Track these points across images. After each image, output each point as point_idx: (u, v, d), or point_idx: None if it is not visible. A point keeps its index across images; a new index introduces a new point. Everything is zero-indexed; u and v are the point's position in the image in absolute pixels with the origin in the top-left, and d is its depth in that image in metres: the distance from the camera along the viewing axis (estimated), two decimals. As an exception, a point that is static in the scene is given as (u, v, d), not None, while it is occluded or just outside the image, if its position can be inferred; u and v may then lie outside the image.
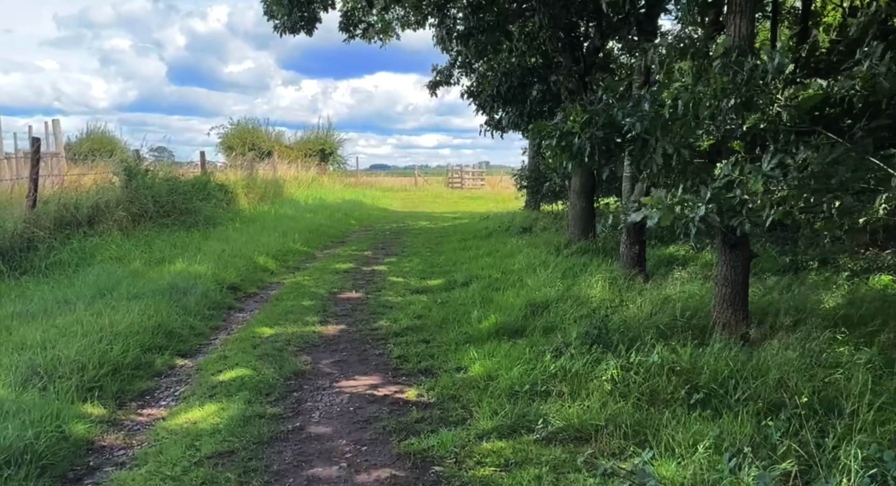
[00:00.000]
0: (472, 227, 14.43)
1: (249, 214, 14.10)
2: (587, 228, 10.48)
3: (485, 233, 12.58)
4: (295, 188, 20.46)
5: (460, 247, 11.10)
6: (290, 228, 12.91)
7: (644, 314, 5.45)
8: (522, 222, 12.82)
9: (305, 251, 11.02)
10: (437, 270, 9.21)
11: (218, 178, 14.54)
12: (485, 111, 13.18)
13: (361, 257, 10.55)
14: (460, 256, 10.09)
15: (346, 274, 8.92)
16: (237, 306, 7.13)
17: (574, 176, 10.51)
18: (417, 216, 19.20)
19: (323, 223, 14.34)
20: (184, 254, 8.62)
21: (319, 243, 12.23)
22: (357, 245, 12.14)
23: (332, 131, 34.54)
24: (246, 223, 12.74)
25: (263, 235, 11.40)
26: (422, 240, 12.95)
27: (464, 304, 6.74)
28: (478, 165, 39.19)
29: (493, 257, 9.42)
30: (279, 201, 17.22)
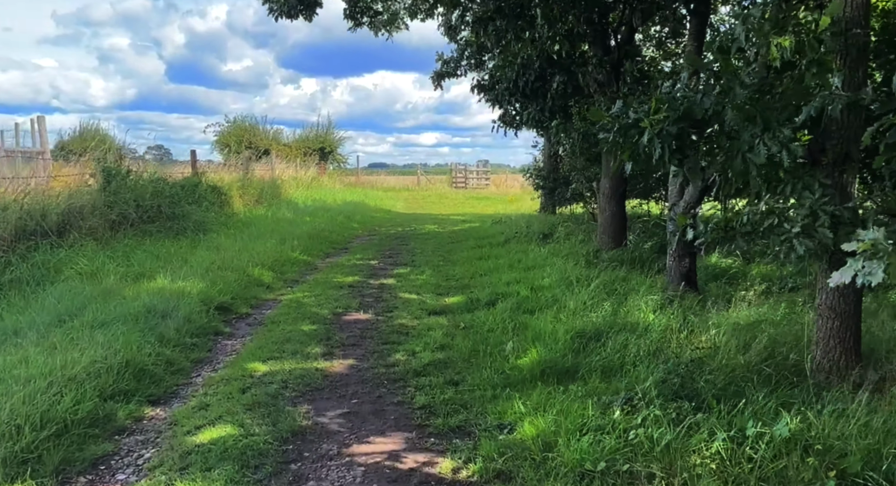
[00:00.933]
0: (485, 232, 13.39)
1: (244, 217, 13.06)
2: (619, 235, 9.45)
3: (500, 239, 11.55)
4: (293, 189, 19.43)
5: (476, 256, 10.06)
6: (289, 233, 11.87)
7: (726, 351, 4.42)
8: (541, 227, 11.78)
9: (305, 261, 9.98)
10: (453, 284, 8.17)
11: (210, 178, 13.50)
12: (500, 106, 12.15)
13: (367, 268, 9.52)
14: (478, 266, 9.05)
15: (352, 289, 7.88)
16: (226, 331, 6.09)
17: (604, 178, 9.49)
18: (423, 219, 18.17)
19: (324, 228, 13.31)
20: (167, 267, 7.58)
21: (320, 250, 11.19)
22: (362, 253, 11.10)
23: (332, 129, 33.53)
24: (240, 229, 11.70)
25: (259, 243, 10.35)
26: (431, 246, 11.92)
27: (493, 330, 5.71)
28: (482, 164, 38.17)
29: (516, 270, 8.39)
30: (277, 203, 16.18)
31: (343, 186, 27.09)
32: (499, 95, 11.85)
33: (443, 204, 25.11)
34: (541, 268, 8.33)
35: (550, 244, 10.21)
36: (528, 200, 25.45)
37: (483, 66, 13.77)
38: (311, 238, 11.93)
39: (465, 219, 18.00)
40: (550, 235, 11.17)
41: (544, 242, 10.66)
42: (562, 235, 10.93)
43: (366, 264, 9.94)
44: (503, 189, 33.70)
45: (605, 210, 9.52)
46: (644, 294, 6.55)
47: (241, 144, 30.18)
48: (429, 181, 35.37)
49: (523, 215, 15.61)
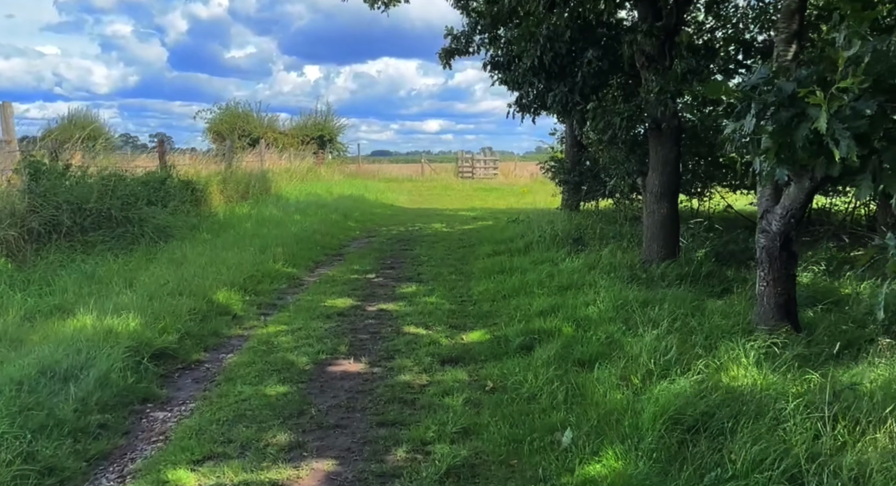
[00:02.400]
0: (500, 233, 11.64)
1: (223, 218, 11.33)
2: (670, 243, 7.70)
3: (521, 244, 9.79)
4: (286, 182, 17.69)
5: (495, 267, 8.32)
6: (273, 237, 10.14)
7: None
8: (568, 230, 10.02)
9: (289, 275, 8.25)
10: (471, 310, 6.45)
11: (185, 172, 11.75)
12: (519, 87, 10.35)
13: (363, 285, 7.78)
14: (499, 284, 7.31)
15: (342, 320, 6.15)
16: (160, 394, 4.37)
17: (652, 172, 7.71)
18: (429, 215, 16.40)
19: (316, 229, 11.57)
20: (100, 294, 5.87)
21: (309, 258, 9.46)
22: (358, 262, 9.37)
23: (332, 116, 31.76)
24: (215, 233, 9.97)
25: (234, 252, 8.63)
26: (440, 253, 10.17)
27: (535, 397, 4.01)
28: (488, 152, 36.31)
29: (549, 291, 6.65)
30: (265, 199, 14.44)
31: (342, 177, 25.35)
32: (519, 75, 10.05)
33: (449, 197, 23.33)
34: (580, 289, 6.60)
35: (584, 253, 8.45)
36: (543, 192, 23.69)
37: (498, 41, 11.95)
38: (299, 243, 10.20)
39: (476, 215, 16.24)
40: (581, 241, 9.41)
41: (576, 249, 8.90)
42: (596, 241, 9.17)
43: (362, 278, 8.20)
44: (512, 179, 31.91)
45: (653, 212, 7.76)
46: (730, 331, 4.84)
47: (234, 132, 28.45)
48: (433, 171, 33.56)
49: (542, 212, 13.83)
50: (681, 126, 7.61)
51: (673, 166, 7.64)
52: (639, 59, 7.64)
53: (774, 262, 5.05)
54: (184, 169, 11.97)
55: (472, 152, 36.16)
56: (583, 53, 8.89)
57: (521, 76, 9.88)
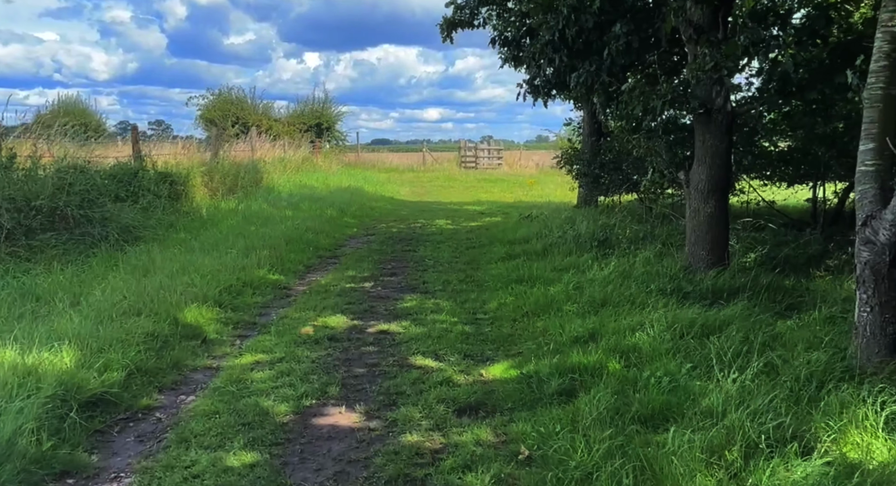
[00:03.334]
0: (512, 231, 10.53)
1: (206, 214, 10.23)
2: (719, 247, 6.61)
3: (538, 246, 8.69)
4: (279, 173, 16.56)
5: (511, 275, 7.23)
6: (261, 237, 9.05)
7: None
8: (590, 229, 8.91)
9: (275, 283, 7.16)
10: (488, 332, 5.37)
11: (164, 163, 10.63)
12: (535, 66, 9.21)
13: (360, 297, 6.69)
14: (519, 296, 6.22)
15: (334, 346, 5.07)
16: (86, 465, 3.28)
17: (697, 165, 6.60)
18: (432, 210, 15.29)
19: (309, 226, 10.47)
20: (35, 316, 4.79)
21: (299, 262, 8.37)
22: (354, 266, 8.27)
23: (330, 103, 30.58)
24: (194, 232, 8.88)
25: (213, 255, 7.55)
26: (446, 255, 9.08)
27: (589, 480, 2.94)
28: (487, 141, 35.10)
29: (582, 309, 5.56)
30: (255, 193, 13.34)
31: (340, 167, 24.23)
32: (535, 51, 8.92)
33: (453, 189, 22.20)
34: (619, 306, 5.51)
35: (613, 257, 7.36)
36: (551, 184, 22.57)
37: (508, 14, 10.81)
38: (289, 243, 9.11)
39: (483, 210, 15.12)
40: (607, 242, 8.31)
41: (602, 252, 7.81)
42: (624, 242, 8.08)
43: (359, 288, 7.11)
44: (516, 169, 30.80)
45: (698, 212, 6.65)
46: (827, 372, 3.78)
47: (228, 120, 27.30)
48: (435, 161, 32.40)
49: (556, 207, 12.74)
50: (733, 110, 6.50)
51: (723, 158, 6.54)
52: (685, 31, 6.51)
53: (882, 281, 3.97)
54: (163, 159, 10.84)
55: (475, 141, 35.02)
56: (612, 27, 7.76)
57: (537, 53, 8.74)
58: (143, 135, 20.14)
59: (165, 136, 16.70)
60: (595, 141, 12.03)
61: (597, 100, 8.57)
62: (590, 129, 12.21)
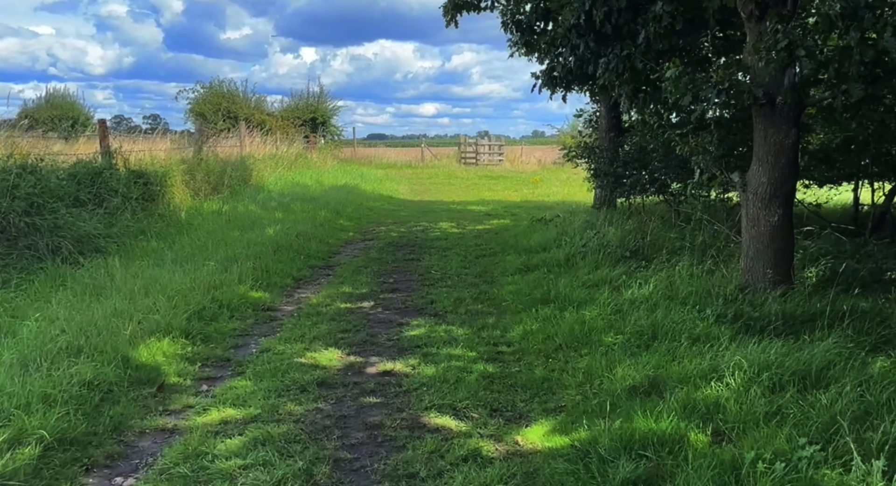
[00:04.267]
0: (526, 237, 9.49)
1: (185, 218, 9.15)
2: (783, 262, 5.57)
3: (560, 256, 7.64)
4: (270, 170, 15.47)
5: (534, 292, 6.19)
6: (245, 244, 8.00)
7: None
8: (617, 236, 7.86)
9: (257, 302, 6.10)
10: (519, 376, 4.31)
11: (139, 160, 9.54)
12: (554, 53, 8.16)
13: (357, 322, 5.63)
14: (549, 324, 5.17)
15: (325, 396, 4.01)
16: None
17: (756, 165, 5.55)
18: (434, 211, 14.21)
19: (300, 230, 9.41)
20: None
21: (288, 274, 7.31)
22: (351, 279, 7.21)
23: (325, 98, 29.45)
24: (169, 240, 7.82)
25: (187, 268, 6.50)
26: (455, 265, 8.03)
27: None
28: (483, 135, 34.00)
29: (630, 343, 4.52)
30: (242, 192, 12.26)
31: (336, 163, 23.15)
32: (556, 37, 7.88)
33: (454, 186, 21.14)
34: (676, 339, 4.49)
35: (650, 272, 6.33)
36: (556, 181, 21.54)
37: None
38: (278, 251, 8.06)
39: (489, 211, 14.05)
40: (640, 252, 7.27)
41: (636, 264, 6.77)
42: (662, 252, 7.03)
43: (356, 309, 6.06)
44: (518, 166, 29.75)
45: (757, 220, 5.61)
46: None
47: (218, 114, 26.18)
48: (434, 157, 31.31)
49: (569, 208, 11.70)
50: (802, 100, 5.46)
51: (789, 157, 5.50)
52: (744, 6, 5.45)
53: None
54: (138, 156, 9.76)
55: (476, 137, 33.96)
56: (647, 7, 6.72)
57: (559, 38, 7.69)
58: (136, 129, 18.94)
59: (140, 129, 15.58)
60: (614, 137, 10.97)
61: (623, 91, 7.53)
62: (608, 123, 11.15)
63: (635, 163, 9.37)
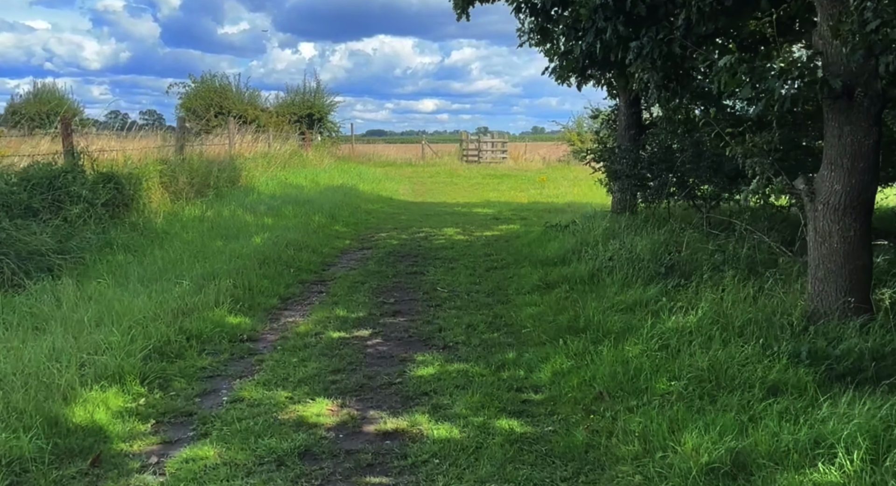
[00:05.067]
0: (541, 246, 8.59)
1: (162, 226, 8.24)
2: (860, 285, 4.66)
3: (584, 271, 6.72)
4: (262, 170, 14.55)
5: (559, 317, 5.29)
6: (227, 257, 7.09)
7: None
8: (646, 247, 6.94)
9: (234, 330, 5.19)
10: (553, 438, 3.41)
11: (111, 160, 8.63)
12: (575, 38, 7.25)
13: (352, 358, 4.73)
14: (584, 365, 4.27)
15: (308, 473, 3.12)
16: None
17: (830, 168, 4.64)
18: (437, 214, 13.30)
19: (291, 239, 8.50)
20: None
21: (274, 293, 6.41)
22: (346, 300, 6.30)
23: (322, 93, 28.52)
24: (140, 253, 6.91)
25: (154, 289, 5.59)
26: (463, 280, 7.12)
27: None
28: (496, 134, 33.07)
29: (689, 394, 3.62)
30: (229, 195, 11.35)
31: (333, 162, 22.23)
32: (580, 20, 6.98)
33: (457, 186, 20.21)
34: (749, 388, 3.60)
35: (691, 292, 5.43)
36: (563, 180, 20.63)
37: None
38: (264, 264, 7.16)
39: (496, 214, 13.14)
40: (676, 267, 6.36)
41: (673, 282, 5.86)
42: (701, 268, 6.12)
43: (351, 339, 5.15)
44: (522, 164, 28.84)
45: (828, 235, 4.70)
46: None
47: (210, 109, 25.26)
48: (435, 154, 30.37)
49: (584, 212, 10.78)
50: (886, 93, 4.56)
51: (869, 160, 4.59)
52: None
53: None
54: (110, 156, 8.84)
55: (478, 134, 33.06)
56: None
57: (583, 20, 6.78)
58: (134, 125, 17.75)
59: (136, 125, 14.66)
60: (635, 134, 10.06)
61: (653, 81, 6.62)
62: (628, 120, 10.24)
63: (661, 164, 8.46)
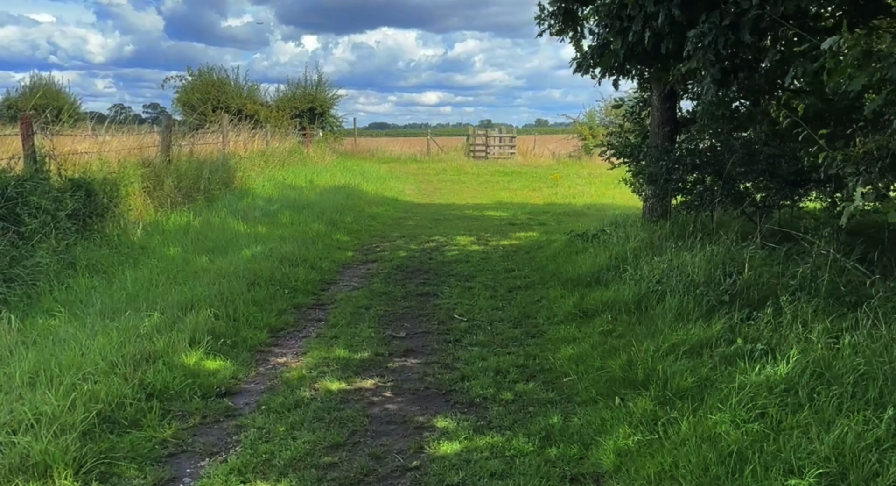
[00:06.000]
0: (568, 260, 7.59)
1: (141, 239, 7.27)
2: None
3: (628, 296, 5.71)
4: (258, 170, 13.57)
5: (610, 365, 4.29)
6: (211, 278, 6.12)
7: None
8: (701, 266, 5.94)
9: (211, 378, 4.21)
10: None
11: (83, 163, 7.65)
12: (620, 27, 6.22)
13: (353, 415, 3.76)
14: (657, 438, 3.30)
15: None
16: None
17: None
18: (446, 218, 12.28)
19: (287, 253, 7.52)
20: None
21: (263, 323, 5.42)
22: (347, 333, 5.31)
23: (324, 86, 27.48)
24: (109, 274, 5.95)
25: (116, 325, 4.62)
26: (484, 306, 6.13)
27: None
28: (503, 128, 31.99)
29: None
30: (221, 199, 10.37)
31: (335, 158, 21.26)
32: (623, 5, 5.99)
33: (465, 185, 19.20)
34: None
35: (765, 329, 4.44)
36: (576, 177, 19.61)
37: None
38: (254, 286, 6.18)
39: (511, 218, 12.10)
40: (741, 296, 5.33)
41: (742, 313, 4.86)
42: (776, 296, 5.10)
43: (354, 392, 4.16)
44: (531, 159, 27.82)
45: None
46: None
47: (208, 103, 24.25)
48: (441, 149, 29.32)
49: (612, 217, 9.75)
50: None
51: None
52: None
53: None
54: (84, 158, 7.87)
55: (485, 128, 31.99)
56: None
57: (629, 4, 5.77)
58: (136, 120, 16.68)
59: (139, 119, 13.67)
60: (670, 131, 9.03)
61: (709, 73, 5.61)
62: (662, 116, 9.19)
63: (708, 167, 7.44)
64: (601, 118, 29.46)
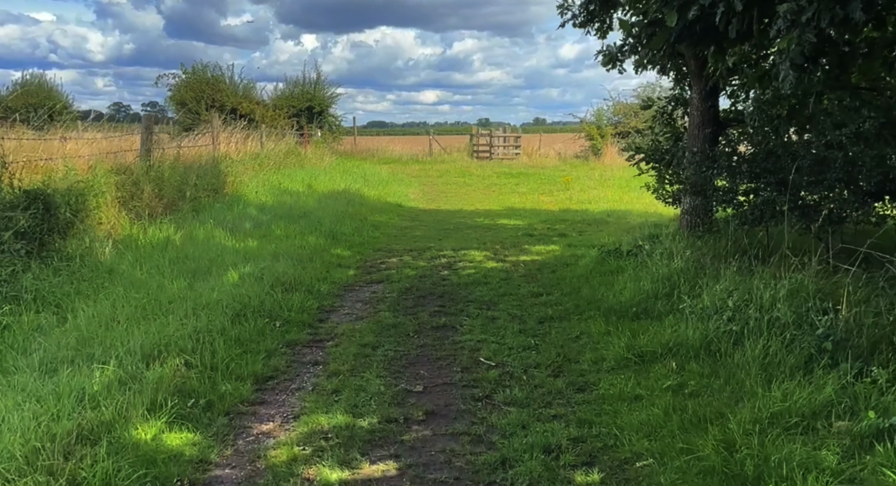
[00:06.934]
0: (605, 284, 6.57)
1: (110, 259, 6.24)
2: None
3: (692, 337, 4.70)
4: (252, 174, 12.54)
5: (704, 448, 3.29)
6: (190, 307, 5.11)
7: None
8: (781, 297, 4.92)
9: (169, 465, 3.18)
10: None
11: (46, 170, 6.63)
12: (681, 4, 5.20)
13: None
14: None
15: None
16: None
17: None
18: (457, 226, 11.25)
19: (280, 273, 6.50)
20: None
21: (247, 372, 4.39)
22: (349, 386, 4.29)
23: (322, 84, 26.48)
24: (61, 308, 4.93)
25: (53, 385, 3.59)
26: (514, 344, 5.10)
27: None
28: (507, 127, 30.96)
29: None
30: (211, 208, 9.34)
31: (334, 159, 20.24)
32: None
33: (471, 187, 18.17)
34: None
35: (887, 391, 3.43)
36: (587, 179, 18.60)
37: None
38: (238, 319, 5.16)
39: (527, 228, 11.05)
40: (840, 339, 4.31)
41: (847, 366, 3.85)
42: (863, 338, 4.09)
43: (357, 483, 3.16)
44: (536, 160, 26.80)
45: None
46: None
47: (202, 102, 23.24)
48: (443, 149, 28.29)
49: (642, 228, 8.73)
50: None
51: None
52: None
53: None
54: (48, 165, 6.84)
55: (489, 127, 30.99)
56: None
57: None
58: (136, 118, 15.66)
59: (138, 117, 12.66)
60: (711, 134, 8.01)
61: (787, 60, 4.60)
62: (703, 115, 8.15)
63: (769, 176, 6.40)
64: (609, 118, 28.48)
